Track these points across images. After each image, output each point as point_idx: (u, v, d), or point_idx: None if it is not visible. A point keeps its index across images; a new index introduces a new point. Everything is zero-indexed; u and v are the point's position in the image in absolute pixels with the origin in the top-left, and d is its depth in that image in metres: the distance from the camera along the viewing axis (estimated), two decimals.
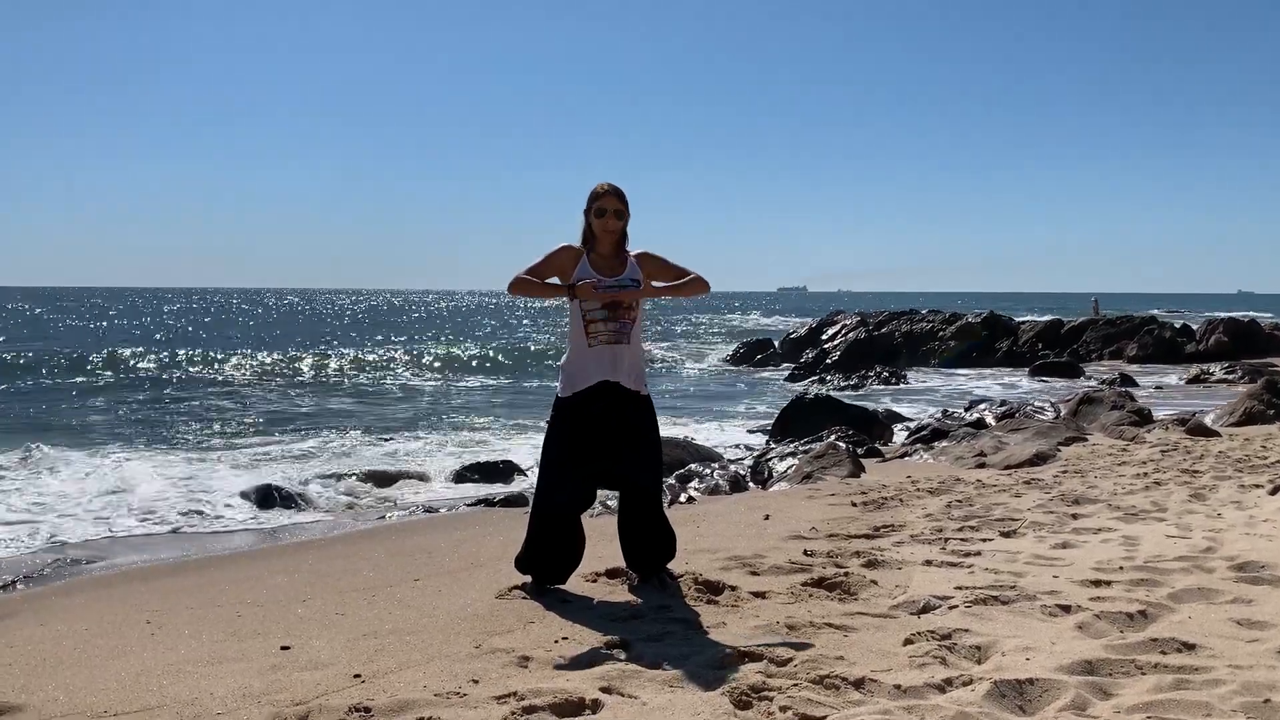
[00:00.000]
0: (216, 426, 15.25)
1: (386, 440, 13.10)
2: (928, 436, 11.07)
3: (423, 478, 10.39)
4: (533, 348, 30.83)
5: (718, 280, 4.71)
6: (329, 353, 33.47)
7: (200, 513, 8.46)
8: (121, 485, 9.86)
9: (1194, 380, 21.11)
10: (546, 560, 4.43)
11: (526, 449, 12.31)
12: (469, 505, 8.30)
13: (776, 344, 33.81)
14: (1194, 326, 30.53)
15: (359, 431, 14.59)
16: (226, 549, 6.77)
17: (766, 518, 6.35)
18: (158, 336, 44.42)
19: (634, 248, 4.45)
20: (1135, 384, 19.19)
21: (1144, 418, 11.49)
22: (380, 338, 45.36)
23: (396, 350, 35.16)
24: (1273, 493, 6.64)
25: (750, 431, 13.68)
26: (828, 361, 26.71)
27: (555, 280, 4.32)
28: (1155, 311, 45.62)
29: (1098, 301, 37.76)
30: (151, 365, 26.94)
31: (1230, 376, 20.81)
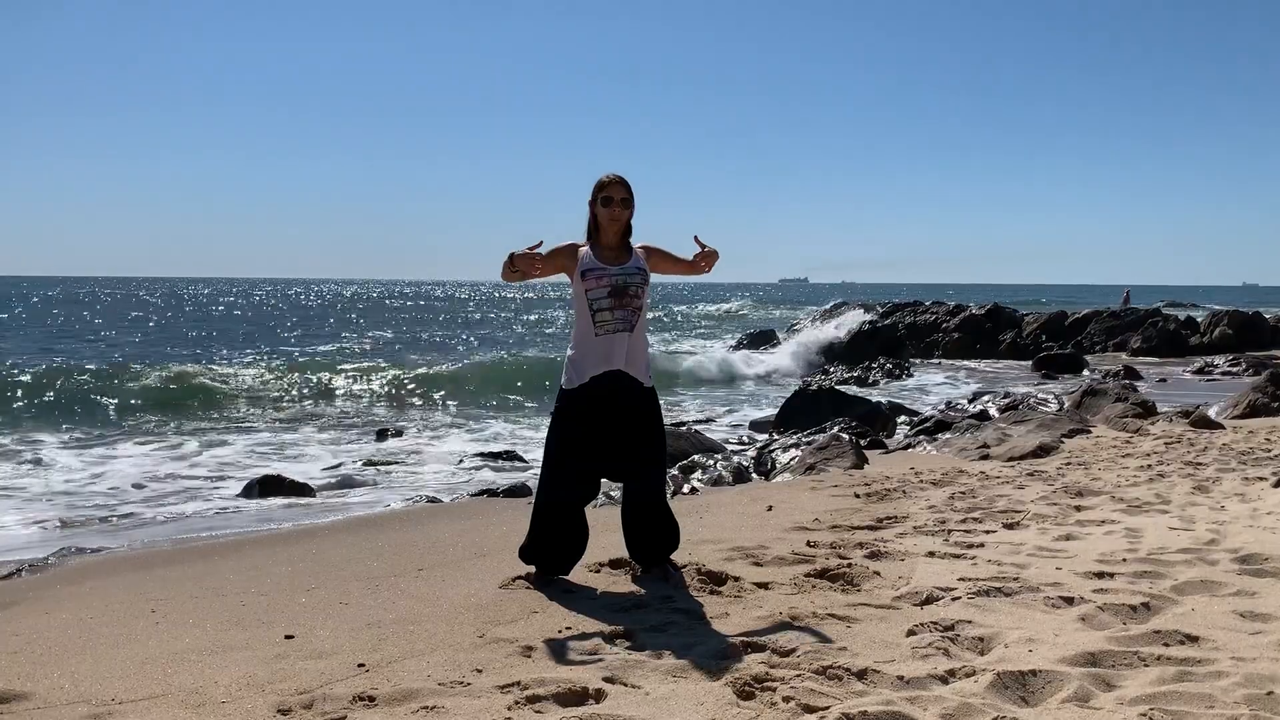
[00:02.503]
0: (220, 417, 15.27)
1: (390, 431, 13.11)
2: (931, 428, 11.07)
3: (425, 467, 10.42)
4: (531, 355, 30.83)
5: (718, 273, 4.70)
6: (336, 345, 33.49)
7: (204, 501, 8.49)
8: (126, 475, 9.89)
9: (1198, 373, 21.09)
10: (550, 551, 4.43)
11: (530, 439, 12.34)
12: (472, 495, 8.31)
13: (780, 335, 33.81)
14: (1198, 318, 30.49)
15: (362, 422, 14.61)
16: (230, 538, 6.78)
17: (769, 509, 6.35)
18: (168, 334, 44.44)
19: (636, 241, 4.46)
20: (1139, 376, 19.16)
21: (1147, 410, 11.47)
22: (384, 330, 45.39)
23: (401, 342, 35.18)
24: (1276, 485, 6.63)
25: (753, 423, 13.69)
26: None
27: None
28: (1159, 304, 45.48)
29: (1129, 293, 37.18)
30: (153, 356, 26.98)
31: (1234, 369, 20.79)
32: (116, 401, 16.07)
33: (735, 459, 9.18)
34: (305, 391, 18.43)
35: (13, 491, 8.95)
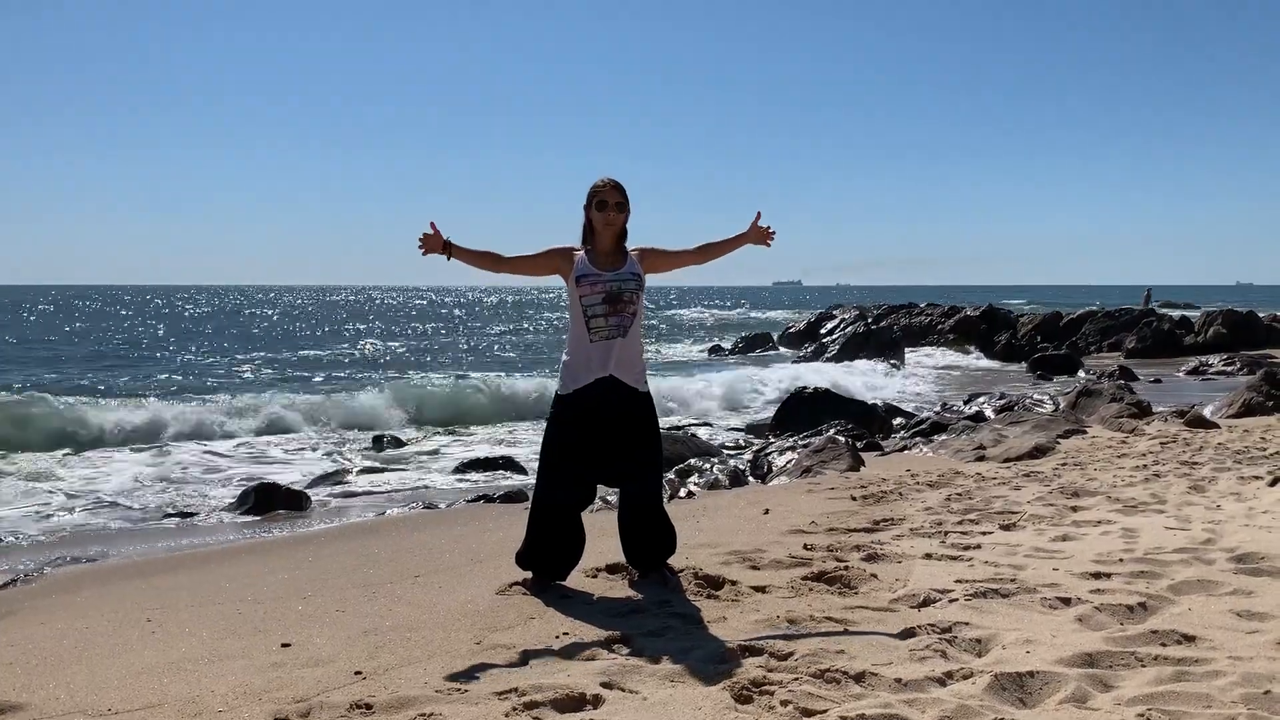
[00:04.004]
0: (214, 425, 15.22)
1: (386, 438, 13.09)
2: (927, 430, 11.08)
3: (421, 474, 10.41)
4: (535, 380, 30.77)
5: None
6: (332, 351, 33.45)
7: (200, 510, 8.47)
8: (121, 483, 9.87)
9: (1193, 372, 21.13)
10: (547, 556, 4.43)
11: (526, 444, 12.33)
12: (469, 501, 8.30)
13: (775, 337, 33.87)
14: (1192, 318, 30.56)
15: (359, 430, 14.58)
16: (225, 546, 6.77)
17: (766, 512, 6.35)
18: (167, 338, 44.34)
19: (632, 244, 4.46)
20: (1134, 376, 19.20)
21: (1143, 410, 11.49)
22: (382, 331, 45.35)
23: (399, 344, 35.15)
24: (1272, 484, 6.65)
25: (750, 426, 13.68)
26: (826, 355, 26.73)
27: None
28: (1154, 304, 45.58)
29: (1150, 292, 36.85)
30: (150, 358, 26.91)
31: (1229, 368, 20.83)
32: (112, 406, 16.01)
33: (732, 462, 9.18)
34: (301, 399, 18.38)
35: (12, 498, 8.92)
